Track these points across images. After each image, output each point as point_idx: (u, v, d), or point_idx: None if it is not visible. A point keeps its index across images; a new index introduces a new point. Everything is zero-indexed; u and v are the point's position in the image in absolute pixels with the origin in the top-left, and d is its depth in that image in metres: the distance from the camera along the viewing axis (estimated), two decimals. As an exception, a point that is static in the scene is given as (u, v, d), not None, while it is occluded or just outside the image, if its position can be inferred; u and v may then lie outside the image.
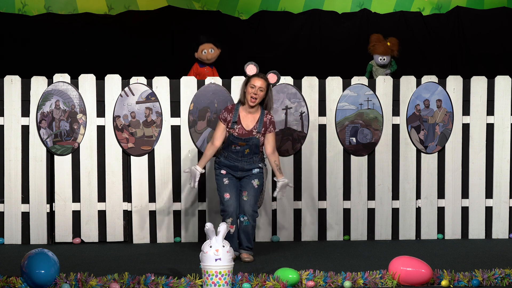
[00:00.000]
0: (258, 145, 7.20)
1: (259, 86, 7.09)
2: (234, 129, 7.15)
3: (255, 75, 7.15)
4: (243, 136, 7.15)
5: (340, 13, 10.77)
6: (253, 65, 7.19)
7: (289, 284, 6.00)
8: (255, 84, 7.09)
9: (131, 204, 8.23)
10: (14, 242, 8.16)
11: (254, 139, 7.17)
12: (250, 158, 7.20)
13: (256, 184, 7.21)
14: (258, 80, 7.11)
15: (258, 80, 7.11)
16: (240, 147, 7.16)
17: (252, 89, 7.10)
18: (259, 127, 7.17)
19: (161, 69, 9.69)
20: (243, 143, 7.15)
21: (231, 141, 7.16)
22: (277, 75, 7.22)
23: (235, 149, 7.17)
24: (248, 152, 7.18)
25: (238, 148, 7.17)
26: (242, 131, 7.16)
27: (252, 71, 7.17)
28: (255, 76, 7.14)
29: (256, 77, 7.13)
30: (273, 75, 7.22)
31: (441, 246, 7.99)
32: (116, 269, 6.47)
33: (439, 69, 10.19)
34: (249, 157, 7.20)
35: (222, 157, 7.24)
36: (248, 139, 7.15)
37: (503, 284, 6.14)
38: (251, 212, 7.20)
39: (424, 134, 8.40)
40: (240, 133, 7.15)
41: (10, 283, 5.88)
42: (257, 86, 7.09)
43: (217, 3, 10.59)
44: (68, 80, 8.14)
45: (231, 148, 7.18)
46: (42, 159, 8.14)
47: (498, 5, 10.85)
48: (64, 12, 10.37)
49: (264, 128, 7.18)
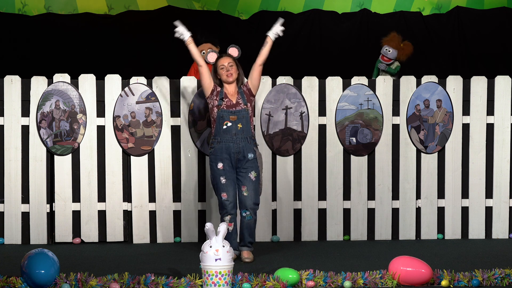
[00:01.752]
0: (249, 121, 7.26)
1: (227, 63, 7.33)
2: (222, 104, 7.26)
3: (219, 57, 7.40)
4: (232, 108, 7.25)
5: (340, 13, 10.78)
6: (211, 52, 7.47)
7: (289, 284, 6.00)
8: (223, 64, 7.33)
9: (131, 204, 8.23)
10: (14, 242, 8.16)
11: (244, 111, 7.27)
12: (244, 137, 7.22)
13: (254, 177, 7.25)
14: (223, 59, 7.36)
15: (223, 59, 7.36)
16: (232, 123, 7.21)
17: (223, 69, 7.32)
18: (242, 98, 7.31)
19: (161, 69, 9.70)
20: (234, 116, 7.23)
21: (222, 117, 7.22)
22: (237, 48, 7.43)
23: (227, 126, 7.21)
24: (241, 128, 7.22)
25: (230, 125, 7.21)
26: (230, 103, 7.27)
27: (214, 57, 7.43)
28: (218, 58, 7.40)
29: (220, 58, 7.39)
30: (233, 49, 7.44)
31: (441, 246, 7.99)
32: (116, 269, 6.47)
33: (439, 69, 10.20)
34: (243, 135, 7.22)
35: (215, 143, 7.25)
36: (238, 111, 7.25)
37: (503, 284, 6.14)
38: (252, 206, 7.24)
39: (424, 134, 8.40)
40: (229, 105, 7.26)
41: (10, 283, 5.88)
42: (226, 64, 7.32)
43: (217, 3, 10.60)
44: (68, 80, 8.14)
45: (223, 128, 7.21)
46: (42, 159, 8.14)
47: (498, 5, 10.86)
48: (64, 12, 10.38)
49: (247, 95, 7.35)
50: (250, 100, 7.34)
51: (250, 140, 7.27)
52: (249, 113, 7.30)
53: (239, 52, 7.42)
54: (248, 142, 7.26)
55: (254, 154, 7.27)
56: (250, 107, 7.32)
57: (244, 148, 7.22)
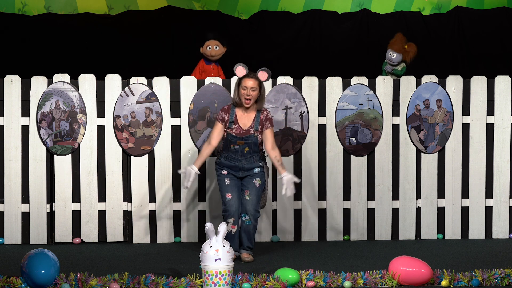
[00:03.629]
0: (257, 143, 7.21)
1: (250, 86, 7.13)
2: (232, 129, 7.17)
3: (246, 76, 7.18)
4: (241, 135, 7.17)
5: (340, 13, 10.77)
6: (241, 66, 7.21)
7: (289, 284, 6.00)
8: (246, 86, 7.13)
9: (131, 204, 8.23)
10: (14, 242, 8.16)
11: (252, 137, 7.18)
12: (250, 157, 7.21)
13: (258, 183, 7.23)
14: (249, 81, 7.14)
15: (249, 80, 7.14)
16: (239, 146, 7.17)
17: (244, 90, 7.14)
18: (255, 125, 7.19)
19: (161, 69, 9.70)
20: (242, 141, 7.17)
21: (230, 140, 7.18)
22: (268, 72, 7.23)
23: (234, 148, 7.18)
24: (248, 151, 7.19)
25: (237, 148, 7.18)
26: (240, 130, 7.17)
27: (242, 73, 7.20)
28: (245, 77, 7.17)
29: (246, 78, 7.16)
30: (263, 72, 7.22)
31: (441, 246, 7.99)
32: (116, 269, 6.47)
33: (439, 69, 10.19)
34: (249, 156, 7.20)
35: (222, 158, 7.25)
36: (246, 137, 7.17)
37: (503, 284, 6.14)
38: (253, 211, 7.21)
39: (424, 134, 8.40)
40: (238, 132, 7.17)
41: (10, 283, 5.88)
42: (248, 87, 7.13)
43: (217, 3, 10.59)
44: (68, 80, 8.14)
45: (230, 148, 7.19)
46: (42, 159, 8.14)
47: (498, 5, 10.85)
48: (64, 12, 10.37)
49: (261, 125, 7.20)
50: (261, 129, 7.24)
51: (256, 159, 7.25)
52: (259, 138, 7.22)
53: (269, 76, 7.22)
54: (254, 161, 7.24)
55: (261, 168, 7.25)
56: (259, 134, 7.23)
57: (250, 166, 7.23)
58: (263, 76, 7.20)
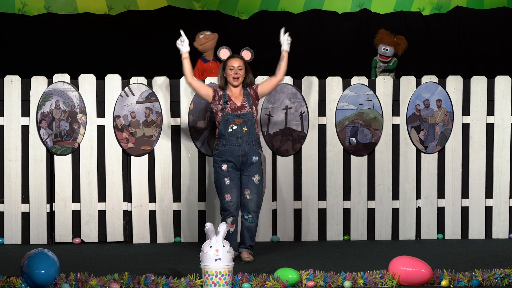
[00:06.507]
0: (254, 123, 7.23)
1: (237, 65, 7.26)
2: (227, 108, 7.22)
3: (230, 57, 7.32)
4: (237, 111, 7.22)
5: (340, 13, 10.78)
6: (225, 48, 7.37)
7: (289, 284, 6.00)
8: (233, 65, 7.26)
9: (131, 204, 8.23)
10: (14, 242, 8.16)
11: (249, 115, 7.23)
12: (249, 140, 7.21)
13: (257, 180, 7.24)
14: (235, 60, 7.28)
15: (234, 60, 7.28)
16: (238, 126, 7.19)
17: (231, 70, 7.26)
18: (248, 101, 7.27)
19: (161, 69, 9.70)
20: (239, 119, 7.20)
21: (228, 120, 7.20)
22: (250, 51, 7.39)
23: (233, 129, 7.19)
24: (246, 131, 7.20)
25: (235, 128, 7.19)
26: (235, 106, 7.24)
27: (226, 55, 7.34)
28: (230, 57, 7.31)
29: (231, 58, 7.31)
30: (246, 51, 7.40)
31: (441, 246, 7.99)
32: (116, 269, 6.47)
33: (439, 69, 10.20)
34: (248, 138, 7.20)
35: (220, 145, 7.24)
36: (243, 114, 7.21)
37: (503, 284, 6.14)
38: (255, 209, 7.24)
39: (424, 134, 8.40)
40: (233, 108, 7.23)
41: (10, 283, 5.88)
42: (235, 66, 7.25)
43: (217, 3, 10.60)
44: (68, 80, 8.14)
45: (228, 131, 7.19)
46: (42, 159, 8.14)
47: (498, 5, 10.86)
48: (64, 12, 10.38)
49: (253, 99, 7.30)
50: (255, 103, 7.32)
51: (255, 143, 7.26)
52: (254, 116, 7.28)
53: (252, 56, 7.38)
54: (253, 145, 7.25)
55: (258, 157, 7.26)
56: (255, 110, 7.30)
57: (249, 151, 7.22)
58: (246, 55, 7.36)
